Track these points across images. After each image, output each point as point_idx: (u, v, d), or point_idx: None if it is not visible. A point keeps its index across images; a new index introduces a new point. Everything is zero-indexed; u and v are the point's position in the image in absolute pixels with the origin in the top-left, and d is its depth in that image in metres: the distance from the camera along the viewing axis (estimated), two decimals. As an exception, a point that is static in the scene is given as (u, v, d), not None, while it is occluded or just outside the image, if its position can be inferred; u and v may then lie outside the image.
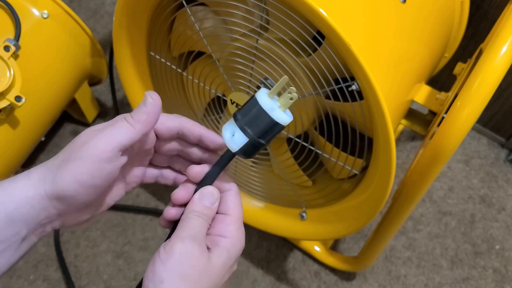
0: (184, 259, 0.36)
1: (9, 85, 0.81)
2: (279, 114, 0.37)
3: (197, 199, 0.40)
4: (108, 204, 0.43)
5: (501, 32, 0.58)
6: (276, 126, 0.38)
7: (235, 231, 0.40)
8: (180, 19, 0.73)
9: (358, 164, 0.69)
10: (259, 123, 0.37)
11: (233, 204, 0.41)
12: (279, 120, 0.37)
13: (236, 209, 0.41)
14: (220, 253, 0.38)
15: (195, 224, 0.38)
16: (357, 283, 1.01)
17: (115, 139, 0.38)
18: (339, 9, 0.54)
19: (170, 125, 0.42)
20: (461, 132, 0.57)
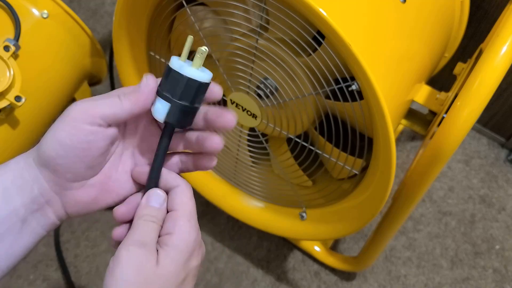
0: (129, 266, 0.35)
1: (9, 85, 0.81)
2: (191, 71, 0.38)
3: (144, 203, 0.39)
4: (116, 191, 0.42)
5: (501, 32, 0.58)
6: (193, 82, 0.38)
7: (183, 225, 0.38)
8: (180, 19, 0.73)
9: (358, 164, 0.69)
10: (175, 85, 0.38)
11: (179, 200, 0.39)
12: (192, 76, 0.38)
13: (183, 204, 0.39)
14: (168, 252, 0.37)
15: (143, 229, 0.37)
16: (357, 283, 1.01)
17: (99, 109, 0.37)
18: (339, 9, 0.54)
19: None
20: (461, 132, 0.57)
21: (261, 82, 0.67)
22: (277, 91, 0.67)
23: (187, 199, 0.39)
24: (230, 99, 0.74)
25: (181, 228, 0.38)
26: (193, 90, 0.38)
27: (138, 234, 0.37)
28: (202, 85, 0.38)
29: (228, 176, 0.92)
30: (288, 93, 0.66)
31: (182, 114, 0.38)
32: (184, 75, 0.37)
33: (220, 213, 0.98)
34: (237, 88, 0.71)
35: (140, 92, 0.39)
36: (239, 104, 0.74)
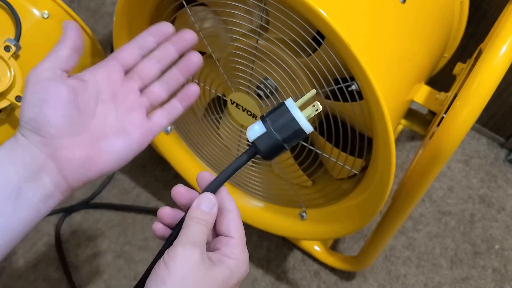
0: (186, 263, 0.38)
1: (10, 85, 0.81)
2: (299, 115, 0.41)
3: (195, 205, 0.41)
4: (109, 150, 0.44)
5: (501, 32, 0.58)
6: (295, 124, 0.41)
7: (240, 253, 0.41)
8: (180, 19, 0.73)
9: (357, 164, 0.70)
10: (278, 118, 0.41)
11: (235, 227, 0.42)
12: (297, 118, 0.41)
13: (239, 231, 0.42)
14: (224, 269, 0.39)
15: (195, 230, 0.40)
16: (357, 283, 1.02)
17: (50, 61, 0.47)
18: (338, 9, 0.54)
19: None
20: (460, 132, 0.57)
21: (261, 82, 0.67)
22: (277, 91, 0.67)
23: (242, 227, 0.43)
24: (230, 99, 0.74)
25: (239, 256, 0.41)
26: (291, 131, 0.41)
27: (191, 235, 0.39)
28: (300, 131, 0.41)
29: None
30: (288, 93, 0.66)
31: (269, 145, 0.42)
32: (291, 113, 0.41)
33: (220, 213, 0.98)
34: (237, 88, 0.72)
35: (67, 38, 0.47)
36: (239, 104, 0.74)
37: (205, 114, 0.86)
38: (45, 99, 0.41)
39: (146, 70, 0.48)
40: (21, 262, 1.01)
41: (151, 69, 0.48)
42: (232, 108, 0.75)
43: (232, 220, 0.42)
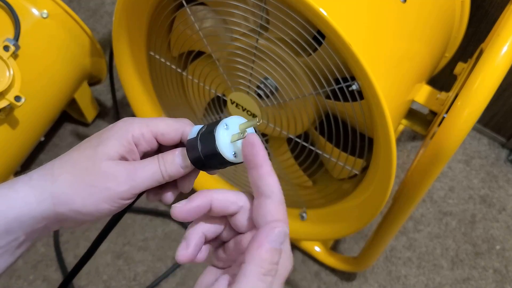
0: None
1: (9, 85, 0.81)
2: (223, 138, 0.36)
3: (264, 241, 0.32)
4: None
5: (502, 32, 0.58)
6: (219, 157, 0.36)
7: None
8: (180, 19, 0.72)
9: (358, 164, 0.69)
10: (209, 145, 0.36)
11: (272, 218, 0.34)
12: (218, 142, 0.36)
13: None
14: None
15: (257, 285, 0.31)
16: (357, 284, 1.01)
17: (143, 183, 0.38)
18: (339, 9, 0.54)
19: (172, 137, 0.39)
20: (461, 132, 0.57)
21: (261, 82, 0.67)
22: (277, 91, 0.67)
23: (284, 215, 0.35)
24: (230, 99, 0.74)
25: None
26: (211, 150, 0.36)
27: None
28: (219, 155, 0.36)
29: (228, 176, 0.92)
30: (288, 93, 0.66)
31: (194, 153, 0.38)
32: (214, 133, 0.36)
33: (220, 213, 0.98)
34: (237, 88, 0.71)
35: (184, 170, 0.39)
36: (239, 104, 0.73)
37: (205, 114, 0.86)
38: (107, 209, 0.37)
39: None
40: (20, 262, 1.01)
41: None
42: (232, 108, 0.75)
43: (268, 210, 0.34)
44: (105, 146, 0.37)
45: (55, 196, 0.36)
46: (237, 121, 0.37)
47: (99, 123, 1.20)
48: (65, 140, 1.17)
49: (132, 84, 0.85)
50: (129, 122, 0.38)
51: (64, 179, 0.37)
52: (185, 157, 0.38)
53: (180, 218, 0.35)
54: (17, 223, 0.36)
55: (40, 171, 0.38)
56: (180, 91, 0.85)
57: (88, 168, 0.37)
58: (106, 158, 0.37)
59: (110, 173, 0.37)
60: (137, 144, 0.38)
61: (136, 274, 1.01)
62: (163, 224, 1.06)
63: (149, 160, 0.38)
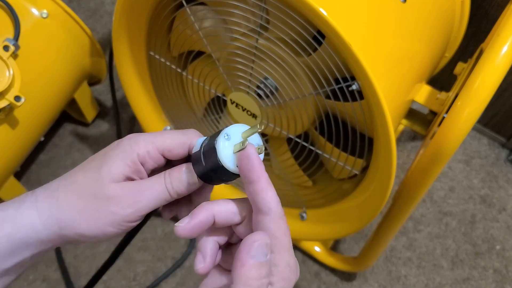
0: None
1: (8, 85, 0.81)
2: (225, 149, 0.35)
3: (246, 258, 0.31)
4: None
5: (502, 32, 0.58)
6: (222, 168, 0.35)
7: (283, 269, 0.33)
8: (180, 19, 0.72)
9: (358, 164, 0.69)
10: (211, 158, 0.35)
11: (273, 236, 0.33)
12: (219, 153, 0.35)
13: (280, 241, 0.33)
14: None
15: None
16: (357, 284, 1.01)
17: (149, 204, 0.37)
18: (339, 9, 0.54)
19: (179, 153, 0.38)
20: (461, 132, 0.57)
21: (261, 82, 0.67)
22: (277, 91, 0.67)
23: (284, 233, 0.34)
24: (230, 99, 0.74)
25: (284, 276, 0.33)
26: (213, 163, 0.35)
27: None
28: (221, 166, 0.35)
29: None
30: (288, 93, 0.66)
31: (199, 166, 0.37)
32: (215, 146, 0.35)
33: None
34: (237, 88, 0.71)
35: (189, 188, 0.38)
36: (239, 104, 0.73)
37: (204, 114, 0.86)
38: (112, 231, 0.37)
39: None
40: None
41: None
42: (232, 108, 0.75)
43: (267, 228, 0.33)
44: (109, 168, 0.36)
45: (60, 220, 0.36)
46: (239, 129, 0.35)
47: (99, 123, 1.20)
48: (65, 140, 1.17)
49: (132, 84, 0.85)
50: (134, 140, 0.37)
51: (69, 203, 0.36)
52: (192, 173, 0.37)
53: (185, 236, 0.34)
54: (24, 245, 0.36)
55: (46, 191, 0.37)
56: (180, 91, 0.85)
57: (93, 192, 0.36)
58: (111, 180, 0.36)
59: (115, 197, 0.36)
60: (143, 162, 0.37)
61: (136, 274, 1.00)
62: (163, 224, 1.06)
63: (155, 179, 0.37)
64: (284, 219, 0.34)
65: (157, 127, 0.91)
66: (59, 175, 0.39)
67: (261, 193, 0.33)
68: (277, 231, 0.33)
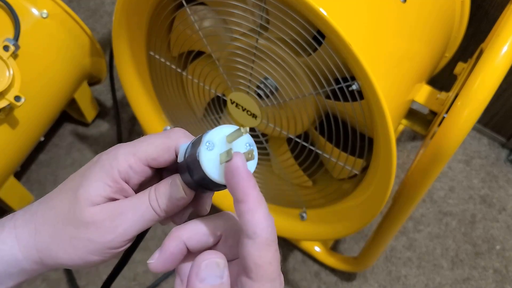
0: None
1: (8, 85, 0.81)
2: (207, 157, 0.30)
3: (194, 281, 0.29)
4: None
5: (502, 32, 0.58)
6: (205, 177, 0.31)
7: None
8: (180, 19, 0.72)
9: (358, 164, 0.69)
10: (194, 164, 0.31)
11: (253, 263, 0.28)
12: (201, 161, 0.30)
13: (262, 270, 0.29)
14: None
15: None
16: (357, 284, 1.01)
17: (132, 228, 0.32)
18: (339, 9, 0.54)
19: (166, 159, 0.34)
20: (461, 132, 0.57)
21: (261, 82, 0.67)
22: (277, 91, 0.67)
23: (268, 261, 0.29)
24: (230, 99, 0.74)
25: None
26: (197, 168, 0.31)
27: None
28: (211, 181, 0.31)
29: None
30: (288, 93, 0.66)
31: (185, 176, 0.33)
32: (198, 159, 0.30)
33: (220, 213, 0.98)
34: (237, 88, 0.71)
35: (178, 206, 0.33)
36: (239, 104, 0.73)
37: (204, 114, 0.86)
38: (99, 260, 0.33)
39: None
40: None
41: None
42: (232, 108, 0.75)
43: (249, 253, 0.28)
44: (86, 190, 0.32)
45: (39, 250, 0.33)
46: (223, 132, 0.30)
47: (99, 123, 1.20)
48: (65, 140, 1.17)
49: (132, 84, 0.85)
50: (113, 155, 0.33)
51: (45, 231, 0.33)
52: (178, 186, 0.32)
53: (161, 271, 0.31)
54: (6, 275, 0.34)
55: (24, 215, 0.34)
56: (180, 91, 0.85)
57: (68, 218, 0.32)
58: (88, 204, 0.32)
59: (92, 223, 0.32)
60: (127, 179, 0.33)
61: (136, 274, 1.00)
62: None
63: (139, 197, 0.33)
64: (273, 245, 0.29)
65: (157, 127, 0.91)
66: (59, 175, 0.38)
67: (247, 214, 0.28)
68: (260, 259, 0.28)
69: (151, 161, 0.33)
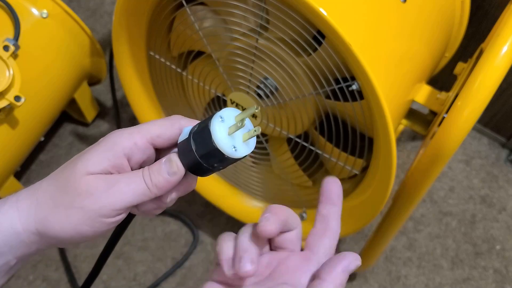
0: None
1: (9, 85, 0.81)
2: (221, 132, 0.32)
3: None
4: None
5: (502, 32, 0.58)
6: (219, 154, 0.33)
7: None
8: (180, 19, 0.72)
9: (358, 164, 0.69)
10: (205, 143, 0.33)
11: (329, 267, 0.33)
12: (214, 136, 0.32)
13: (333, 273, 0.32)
14: None
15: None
16: (357, 284, 1.01)
17: (124, 199, 0.33)
18: (339, 9, 0.54)
19: (169, 136, 0.35)
20: (461, 132, 0.57)
21: (261, 82, 0.67)
22: (277, 91, 0.67)
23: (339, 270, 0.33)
24: (230, 99, 0.74)
25: None
26: (208, 148, 0.33)
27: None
28: (217, 151, 0.32)
29: (228, 176, 0.92)
30: (288, 93, 0.66)
31: (188, 156, 0.34)
32: (209, 128, 0.32)
33: (220, 213, 0.98)
34: (237, 88, 0.71)
35: (170, 182, 0.34)
36: (239, 104, 0.73)
37: (204, 114, 0.86)
38: (91, 232, 0.34)
39: None
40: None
41: None
42: (232, 108, 0.75)
43: (329, 245, 0.36)
44: (86, 160, 0.34)
45: (37, 221, 0.34)
46: (231, 113, 0.33)
47: (99, 123, 1.20)
48: (65, 140, 1.17)
49: (132, 84, 0.85)
50: (118, 133, 0.35)
51: (45, 202, 0.34)
52: (172, 163, 0.34)
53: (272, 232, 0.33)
54: (7, 247, 0.35)
55: (28, 190, 0.36)
56: (180, 91, 0.85)
57: (66, 188, 0.34)
58: (85, 173, 0.33)
59: (85, 190, 0.33)
60: (130, 155, 0.34)
61: (136, 274, 1.00)
62: (163, 224, 1.06)
63: (134, 172, 0.34)
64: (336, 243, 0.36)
65: (157, 127, 0.91)
66: None
67: (336, 216, 0.37)
68: (331, 250, 0.36)
69: (156, 138, 0.35)
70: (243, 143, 0.33)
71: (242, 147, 0.33)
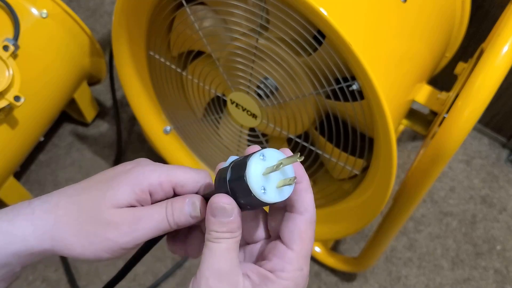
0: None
1: (8, 85, 0.81)
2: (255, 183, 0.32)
3: (209, 216, 0.33)
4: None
5: (502, 32, 0.58)
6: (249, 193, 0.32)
7: (293, 273, 0.33)
8: (180, 19, 0.72)
9: (358, 165, 0.69)
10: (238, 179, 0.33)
11: (298, 236, 0.33)
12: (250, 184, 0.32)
13: (302, 243, 0.33)
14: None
15: (217, 253, 0.33)
16: (357, 284, 1.01)
17: (146, 234, 0.36)
18: (339, 9, 0.54)
19: (191, 189, 0.37)
20: (462, 132, 0.57)
21: (261, 82, 0.67)
22: (277, 91, 0.67)
23: (309, 238, 0.34)
24: (230, 99, 0.74)
25: (291, 276, 0.33)
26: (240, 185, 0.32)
27: (214, 262, 0.33)
28: (244, 185, 0.32)
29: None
30: (288, 93, 0.66)
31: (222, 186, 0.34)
32: (247, 161, 0.32)
33: (220, 213, 0.98)
34: (237, 88, 0.71)
35: (190, 220, 0.36)
36: (239, 104, 0.73)
37: (204, 114, 0.86)
38: (109, 257, 0.36)
39: None
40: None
41: None
42: (232, 108, 0.75)
43: (297, 226, 0.33)
44: (115, 193, 0.35)
45: (55, 239, 0.35)
46: (275, 155, 0.33)
47: (99, 123, 1.20)
48: (65, 140, 1.17)
49: (132, 84, 0.85)
50: (150, 169, 0.36)
51: (66, 223, 0.35)
52: (195, 206, 0.36)
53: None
54: (15, 258, 0.35)
55: (44, 205, 0.36)
56: (180, 91, 0.85)
57: (93, 215, 0.35)
58: (113, 205, 0.35)
59: (113, 223, 0.35)
60: (153, 193, 0.36)
61: (136, 274, 1.00)
62: (163, 224, 1.06)
63: (156, 208, 0.36)
64: (314, 226, 0.34)
65: (157, 127, 0.91)
66: (59, 175, 0.38)
67: (301, 192, 0.34)
68: (305, 233, 0.34)
69: (179, 187, 0.37)
70: (276, 189, 0.32)
71: (273, 192, 0.32)
